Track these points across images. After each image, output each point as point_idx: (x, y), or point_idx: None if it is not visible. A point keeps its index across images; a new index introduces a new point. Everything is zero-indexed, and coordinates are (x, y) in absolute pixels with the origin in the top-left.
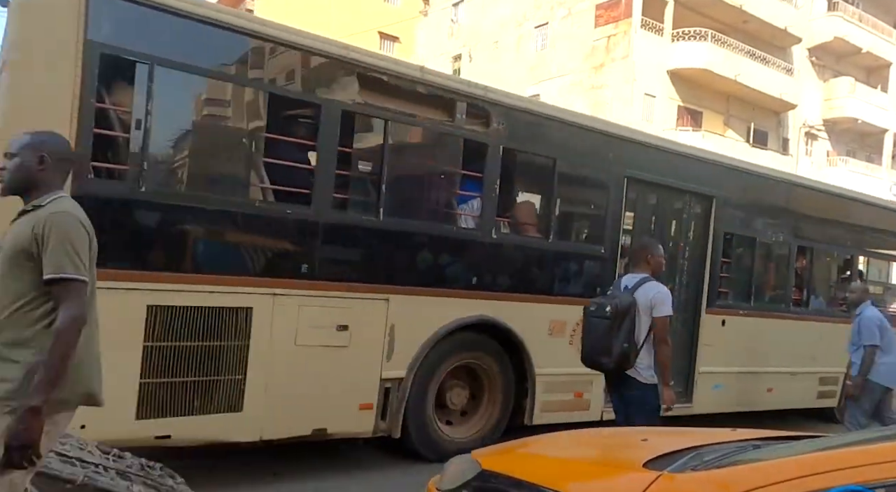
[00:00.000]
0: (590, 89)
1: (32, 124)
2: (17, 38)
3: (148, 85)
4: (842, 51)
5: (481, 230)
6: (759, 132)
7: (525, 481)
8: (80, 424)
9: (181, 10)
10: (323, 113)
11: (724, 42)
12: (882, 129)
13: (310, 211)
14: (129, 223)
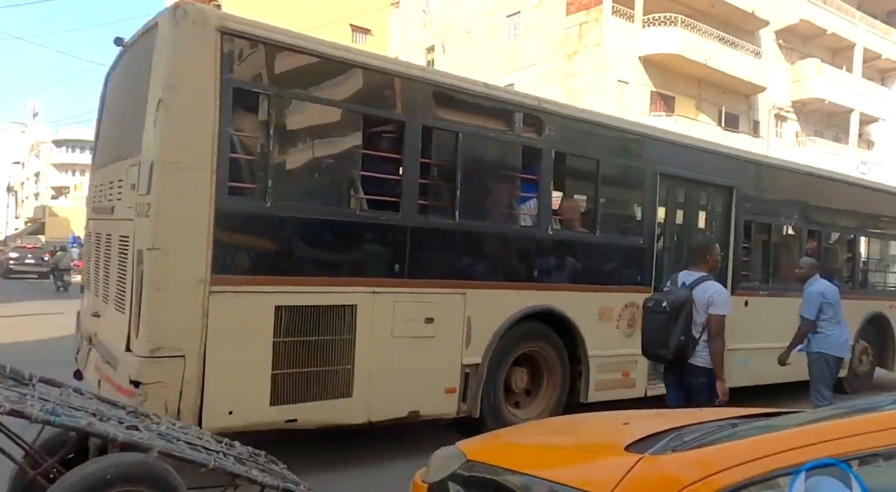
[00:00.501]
0: (563, 77)
1: (184, 151)
2: (169, 78)
3: (269, 113)
4: (807, 33)
5: (539, 228)
6: (731, 115)
7: (509, 468)
8: (228, 410)
9: (295, 47)
10: (407, 129)
11: (694, 27)
12: (848, 108)
13: (399, 217)
14: (258, 235)
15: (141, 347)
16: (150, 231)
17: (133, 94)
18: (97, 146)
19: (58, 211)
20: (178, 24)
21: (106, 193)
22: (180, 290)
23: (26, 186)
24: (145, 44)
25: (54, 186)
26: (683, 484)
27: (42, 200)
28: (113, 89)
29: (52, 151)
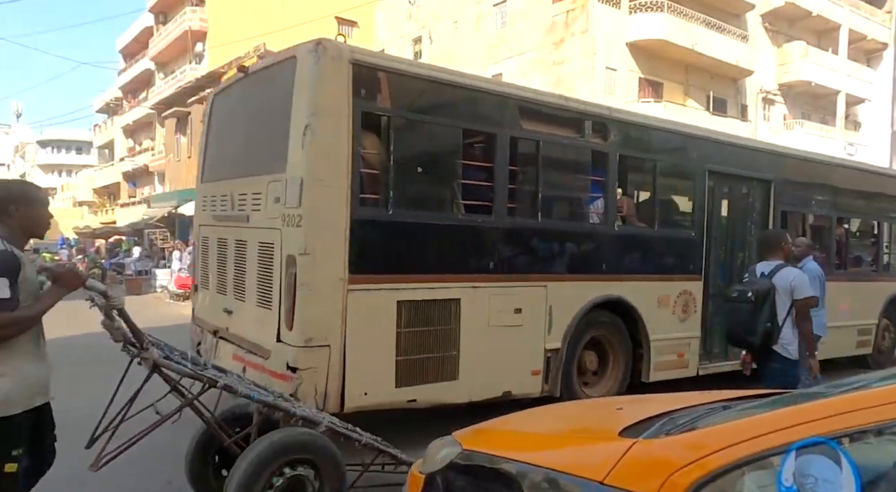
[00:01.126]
0: (551, 65)
1: (326, 169)
2: (313, 106)
3: (388, 132)
4: (793, 15)
5: (606, 224)
6: (719, 100)
7: (505, 456)
8: (364, 392)
9: (408, 72)
10: (497, 140)
11: (680, 12)
12: (834, 90)
13: (492, 219)
14: (381, 238)
15: (296, 338)
16: (302, 239)
17: (264, 118)
18: (205, 161)
19: None
20: (320, 59)
21: (234, 203)
22: (325, 289)
23: None
24: (280, 73)
25: (41, 186)
26: (677, 467)
27: None
28: (226, 112)
29: (38, 151)
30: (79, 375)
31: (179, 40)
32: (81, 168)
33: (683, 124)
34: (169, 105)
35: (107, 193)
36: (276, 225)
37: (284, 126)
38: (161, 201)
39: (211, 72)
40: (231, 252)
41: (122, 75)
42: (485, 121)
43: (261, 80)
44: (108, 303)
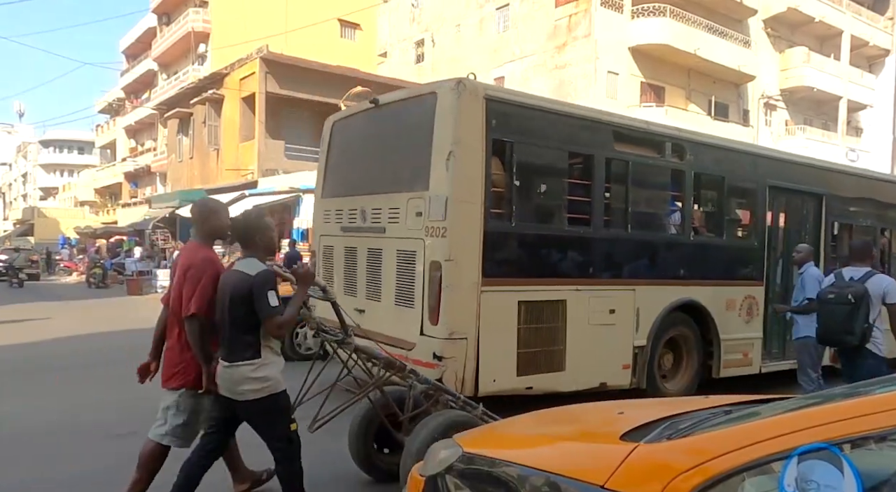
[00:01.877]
0: (553, 69)
1: (466, 188)
2: (455, 136)
3: (511, 156)
4: (795, 21)
5: (683, 234)
6: (720, 105)
7: (505, 459)
8: (493, 379)
9: (528, 105)
10: (595, 161)
11: (683, 17)
12: (836, 96)
13: (590, 230)
14: (506, 247)
15: (440, 331)
16: (447, 248)
17: (401, 143)
18: (326, 179)
19: (47, 212)
20: (461, 96)
21: (366, 217)
22: (464, 290)
23: (14, 187)
24: (419, 106)
25: (42, 186)
26: (678, 471)
27: (31, 202)
28: (351, 136)
29: (40, 151)
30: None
31: (182, 41)
32: (83, 168)
33: (749, 144)
34: (171, 106)
35: (108, 194)
36: (419, 236)
37: (425, 151)
38: (162, 202)
39: (213, 73)
40: (362, 259)
41: (124, 76)
42: (585, 144)
43: (395, 111)
44: (325, 295)
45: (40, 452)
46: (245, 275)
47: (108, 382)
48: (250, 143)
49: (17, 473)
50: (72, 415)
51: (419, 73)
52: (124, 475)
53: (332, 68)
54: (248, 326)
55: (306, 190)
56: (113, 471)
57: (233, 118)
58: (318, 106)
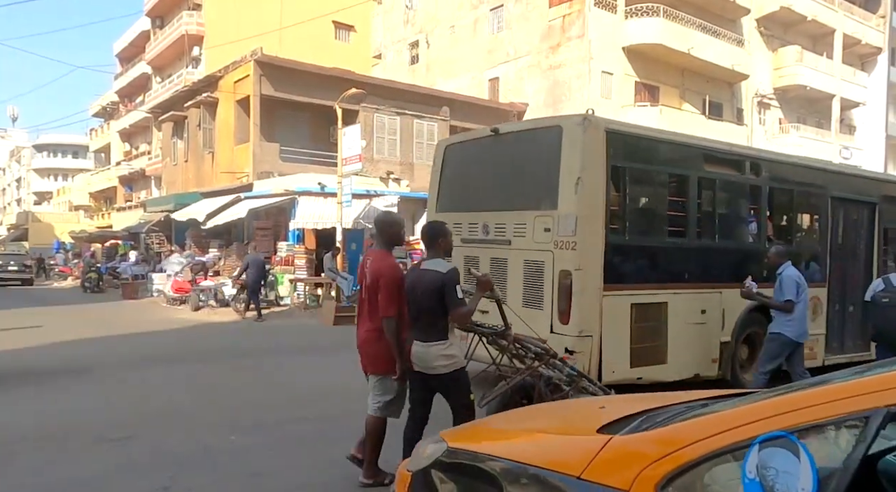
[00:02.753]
0: (547, 70)
1: (591, 208)
2: (583, 163)
3: (625, 179)
4: (788, 20)
5: (759, 242)
6: (714, 104)
7: (486, 453)
8: (612, 370)
9: (639, 135)
10: (689, 181)
11: (676, 16)
12: (829, 94)
13: (686, 241)
14: (622, 258)
15: (571, 329)
16: (577, 258)
17: (524, 168)
18: (440, 195)
19: (41, 216)
20: (586, 130)
21: (488, 230)
22: (591, 294)
23: (8, 192)
24: (543, 137)
25: (37, 191)
26: (650, 460)
27: (25, 206)
28: (467, 159)
29: (34, 155)
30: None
31: (176, 44)
32: (78, 172)
33: (815, 160)
34: (166, 109)
35: (103, 197)
36: (548, 248)
37: (552, 176)
38: (157, 205)
39: (208, 76)
40: (485, 266)
41: (118, 79)
42: (681, 166)
43: (517, 139)
44: (492, 294)
45: (33, 456)
46: (437, 273)
47: (103, 387)
48: (245, 145)
49: (10, 478)
50: (65, 419)
51: (414, 74)
52: (117, 480)
53: (327, 70)
54: (438, 313)
55: (301, 192)
56: (105, 476)
57: (227, 121)
58: (313, 108)
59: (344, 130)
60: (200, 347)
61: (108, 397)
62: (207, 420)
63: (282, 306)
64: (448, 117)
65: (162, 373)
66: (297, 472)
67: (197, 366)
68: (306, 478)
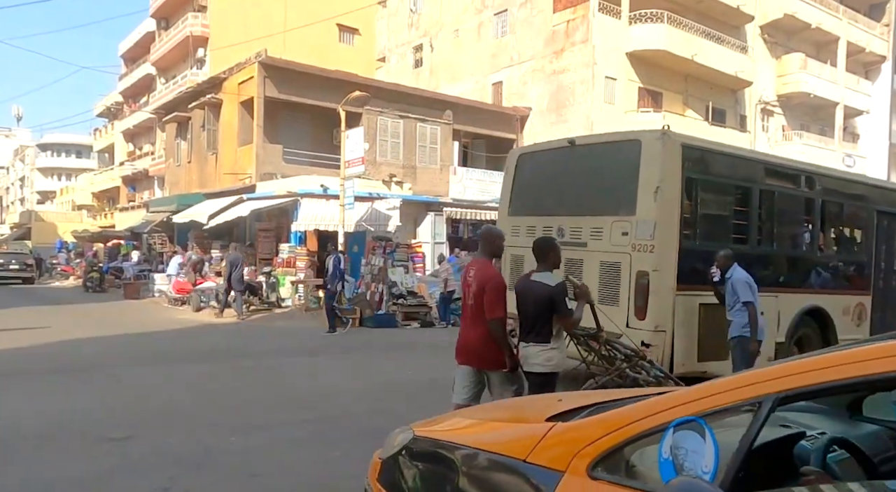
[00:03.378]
0: (551, 75)
1: (668, 215)
2: (662, 175)
3: (696, 189)
4: (792, 27)
5: (811, 252)
6: (718, 111)
7: (445, 440)
8: (682, 362)
9: (710, 150)
10: (751, 192)
11: (680, 23)
12: (833, 102)
13: (748, 248)
14: (692, 261)
15: (647, 325)
16: (654, 260)
17: (602, 177)
18: (512, 200)
19: (44, 216)
20: (665, 144)
21: (564, 233)
22: (665, 293)
23: (11, 191)
24: (621, 149)
25: (40, 190)
26: (584, 444)
27: (28, 206)
28: (541, 167)
29: (38, 155)
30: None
31: (181, 46)
32: (81, 172)
33: (864, 176)
34: (170, 110)
35: (106, 197)
36: (625, 251)
37: (631, 185)
38: (160, 206)
39: (212, 77)
40: (560, 267)
41: (123, 80)
42: (745, 179)
43: (594, 151)
44: (588, 300)
45: (32, 455)
46: (546, 286)
47: (103, 386)
48: (248, 147)
49: (10, 475)
50: (65, 418)
51: (417, 77)
52: (117, 480)
53: (331, 73)
54: (545, 320)
55: (304, 194)
56: (106, 474)
57: (231, 122)
58: (317, 110)
59: (347, 132)
60: (201, 348)
61: (108, 397)
62: (207, 421)
63: (283, 308)
64: (451, 121)
65: (162, 373)
66: (297, 473)
67: (197, 366)
68: (306, 479)
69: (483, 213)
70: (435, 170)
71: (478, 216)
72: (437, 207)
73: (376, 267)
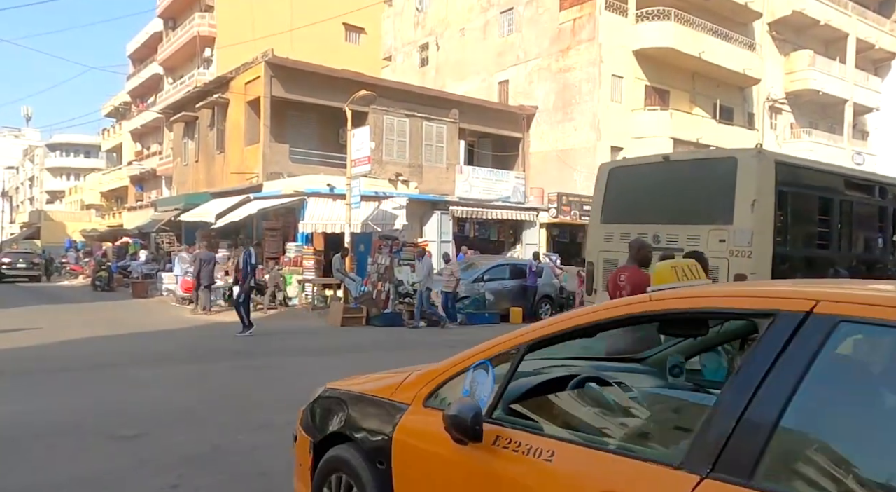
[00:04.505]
0: (557, 73)
1: (763, 224)
2: (759, 189)
3: (787, 200)
4: (800, 24)
5: (884, 252)
6: (725, 108)
7: (342, 388)
8: None
9: (798, 165)
10: (832, 202)
11: (688, 20)
12: (842, 99)
13: (827, 253)
14: (786, 264)
15: None
16: (753, 265)
17: (697, 190)
18: (604, 209)
19: (53, 215)
20: (761, 162)
21: (659, 240)
22: None
23: (21, 190)
24: (718, 166)
25: (49, 190)
26: (425, 382)
27: (37, 205)
28: (634, 179)
29: (47, 155)
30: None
31: (188, 45)
32: (90, 171)
33: None
34: (177, 110)
35: (114, 197)
36: (723, 256)
37: (728, 198)
38: (168, 205)
39: (219, 77)
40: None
41: (130, 80)
42: (828, 190)
43: (689, 166)
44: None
45: (43, 453)
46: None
47: (113, 385)
48: (255, 146)
49: (21, 474)
50: (76, 417)
51: (423, 76)
52: (127, 478)
53: (337, 72)
54: None
55: (311, 193)
56: (115, 473)
57: (238, 122)
58: (323, 110)
59: (353, 131)
60: (209, 347)
61: (117, 395)
62: (216, 419)
63: (290, 307)
64: (457, 120)
65: (171, 372)
66: None
67: (206, 365)
68: None
69: (489, 211)
70: (441, 169)
71: (484, 215)
72: (444, 206)
73: (382, 266)
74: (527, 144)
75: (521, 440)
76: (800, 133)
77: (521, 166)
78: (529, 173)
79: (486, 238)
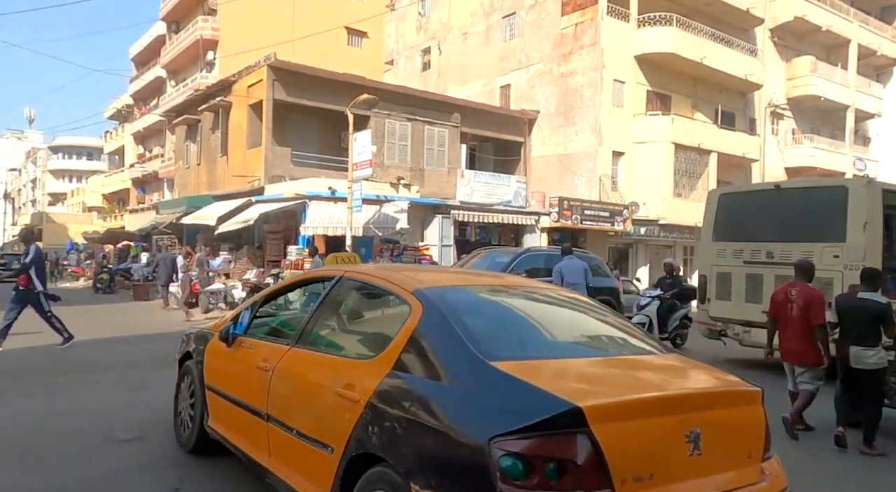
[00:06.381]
0: (559, 77)
1: (873, 242)
2: (869, 213)
3: (891, 221)
4: (802, 30)
5: None
6: (727, 113)
7: (195, 329)
8: None
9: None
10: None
11: (689, 26)
12: (844, 105)
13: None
14: (891, 276)
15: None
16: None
17: (809, 213)
18: (716, 228)
19: (55, 217)
20: (869, 189)
21: (773, 255)
22: None
23: (23, 192)
24: (829, 193)
25: (51, 192)
26: (228, 318)
27: (39, 207)
28: (743, 203)
29: (49, 157)
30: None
31: (191, 49)
32: (92, 174)
33: None
34: (179, 112)
35: (116, 199)
36: (837, 269)
37: (840, 219)
38: (170, 208)
39: (221, 80)
40: (769, 282)
41: (133, 83)
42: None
43: (799, 193)
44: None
45: (43, 455)
46: (876, 302)
47: (113, 386)
48: (257, 149)
49: (20, 476)
50: (76, 419)
51: (425, 80)
52: (127, 480)
53: (339, 76)
54: (873, 328)
55: (312, 196)
56: (116, 476)
57: (240, 125)
58: (325, 113)
59: (355, 135)
60: None
61: (118, 397)
62: None
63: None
64: (459, 124)
65: (171, 374)
66: None
67: None
68: None
69: (490, 215)
70: (442, 172)
71: (485, 219)
72: (445, 210)
73: None
74: (528, 148)
75: (248, 342)
76: (801, 139)
77: (522, 170)
78: (531, 178)
79: (487, 242)
